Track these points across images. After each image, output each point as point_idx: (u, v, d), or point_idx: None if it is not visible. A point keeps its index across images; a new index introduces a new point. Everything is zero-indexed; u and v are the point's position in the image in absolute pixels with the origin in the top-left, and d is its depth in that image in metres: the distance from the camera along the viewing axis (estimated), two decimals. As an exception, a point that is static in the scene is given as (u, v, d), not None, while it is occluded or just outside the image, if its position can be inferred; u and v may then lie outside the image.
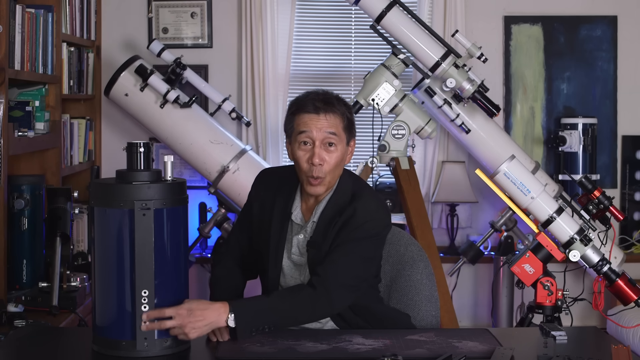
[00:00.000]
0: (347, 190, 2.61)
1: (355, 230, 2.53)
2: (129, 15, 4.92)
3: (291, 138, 2.59)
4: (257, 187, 2.72)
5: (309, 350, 2.30)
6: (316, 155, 2.52)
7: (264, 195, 2.68)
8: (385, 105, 4.13)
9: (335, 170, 2.56)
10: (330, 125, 2.54)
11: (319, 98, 2.56)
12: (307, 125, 2.53)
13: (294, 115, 2.57)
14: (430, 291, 2.85)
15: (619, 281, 3.34)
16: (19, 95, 3.75)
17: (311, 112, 2.53)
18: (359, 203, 2.56)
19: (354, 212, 2.55)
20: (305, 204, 2.64)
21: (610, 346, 2.28)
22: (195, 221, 4.63)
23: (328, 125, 2.53)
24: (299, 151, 2.55)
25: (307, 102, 2.55)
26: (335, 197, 2.60)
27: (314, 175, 2.53)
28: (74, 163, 4.35)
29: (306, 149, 2.54)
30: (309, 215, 2.63)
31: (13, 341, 2.45)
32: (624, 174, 5.07)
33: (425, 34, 4.08)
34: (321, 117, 2.53)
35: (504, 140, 4.50)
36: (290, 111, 2.59)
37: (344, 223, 2.54)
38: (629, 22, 5.06)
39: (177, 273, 2.29)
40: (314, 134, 2.53)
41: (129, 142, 2.30)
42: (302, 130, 2.54)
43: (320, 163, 2.52)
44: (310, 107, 2.54)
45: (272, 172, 2.78)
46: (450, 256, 4.88)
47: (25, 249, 3.49)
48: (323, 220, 2.57)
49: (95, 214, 2.26)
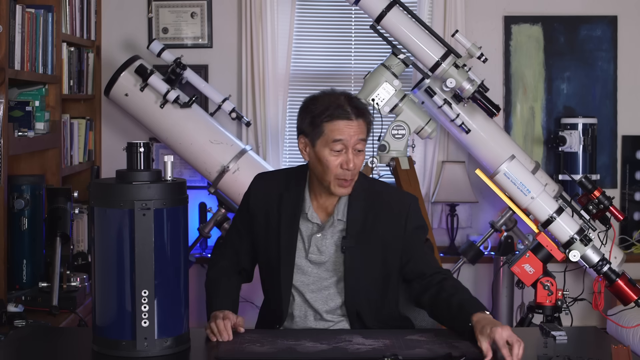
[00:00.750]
0: (362, 187, 2.65)
1: (413, 223, 2.66)
2: (129, 15, 4.92)
3: (316, 141, 2.57)
4: (256, 192, 2.72)
5: (309, 350, 2.30)
6: (351, 161, 2.55)
7: (266, 199, 2.68)
8: (385, 105, 4.13)
9: (359, 171, 2.63)
10: (361, 132, 2.57)
11: (349, 102, 2.57)
12: (343, 133, 2.54)
13: (325, 122, 2.54)
14: (431, 291, 2.85)
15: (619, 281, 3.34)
16: (19, 95, 3.75)
17: (345, 119, 2.54)
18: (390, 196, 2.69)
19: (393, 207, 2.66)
20: (317, 202, 2.65)
21: (610, 346, 2.27)
22: (195, 221, 4.63)
23: (359, 131, 2.57)
24: (331, 156, 2.55)
25: (339, 107, 2.55)
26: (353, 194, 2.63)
27: (347, 178, 2.56)
28: (74, 163, 4.35)
29: (339, 154, 2.56)
30: (322, 215, 2.64)
31: (13, 341, 2.45)
32: (624, 174, 5.07)
33: (425, 34, 4.08)
34: (353, 124, 2.55)
35: (504, 140, 4.50)
36: (323, 116, 2.54)
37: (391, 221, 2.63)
38: (629, 22, 5.06)
39: (177, 273, 2.29)
40: (348, 141, 2.55)
41: (129, 142, 2.30)
42: (339, 137, 2.54)
43: (354, 167, 2.57)
44: (346, 113, 2.54)
45: (269, 176, 2.78)
46: (450, 256, 4.87)
47: (25, 249, 3.49)
48: (353, 217, 2.61)
49: (95, 214, 2.26)
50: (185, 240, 2.33)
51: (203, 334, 2.46)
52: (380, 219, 2.63)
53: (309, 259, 2.63)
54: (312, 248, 2.62)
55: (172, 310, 2.28)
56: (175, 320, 2.29)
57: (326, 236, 2.62)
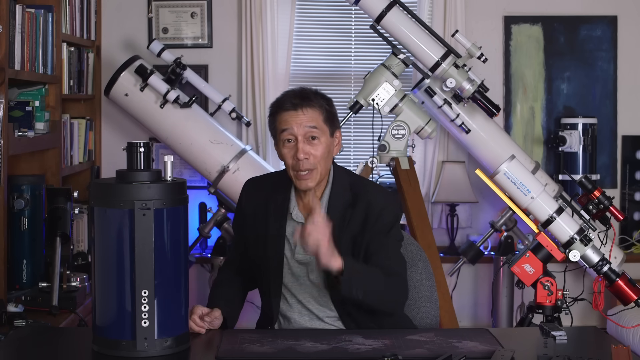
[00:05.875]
0: (345, 184, 2.65)
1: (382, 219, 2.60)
2: (129, 15, 4.92)
3: (276, 139, 2.62)
4: (246, 197, 2.74)
5: (309, 350, 2.30)
6: (300, 150, 2.56)
7: (256, 201, 2.69)
8: (385, 105, 4.13)
9: (322, 162, 2.59)
10: (310, 120, 2.58)
11: (295, 95, 2.61)
12: (288, 123, 2.57)
13: (274, 115, 2.62)
14: (430, 291, 2.86)
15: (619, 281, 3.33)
16: (19, 95, 3.75)
17: (289, 109, 2.58)
18: (371, 194, 2.63)
19: (371, 203, 2.60)
20: (302, 202, 2.65)
21: (610, 346, 2.28)
22: (195, 221, 4.63)
23: (307, 119, 2.57)
24: (284, 149, 2.59)
25: (284, 100, 2.60)
26: (335, 191, 2.63)
27: (302, 168, 2.56)
28: (74, 163, 4.35)
29: (290, 146, 2.58)
30: (307, 213, 2.63)
31: (13, 341, 2.45)
32: (624, 174, 5.07)
33: (425, 34, 4.08)
34: (299, 113, 2.57)
35: (504, 140, 4.50)
36: (271, 112, 2.63)
37: (366, 215, 2.59)
38: (629, 22, 5.06)
39: (177, 273, 2.29)
40: (295, 130, 2.57)
41: (129, 142, 2.30)
42: (284, 128, 2.58)
43: (306, 157, 2.56)
44: (288, 104, 2.58)
45: (259, 180, 2.80)
46: (450, 256, 4.88)
47: (25, 249, 3.49)
48: (332, 215, 2.59)
49: (95, 214, 2.26)
50: (185, 240, 2.33)
51: (203, 334, 2.47)
52: (356, 214, 2.61)
53: (296, 259, 2.63)
54: (298, 247, 2.62)
55: (172, 310, 2.28)
56: (175, 320, 2.29)
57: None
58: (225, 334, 2.48)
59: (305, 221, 2.60)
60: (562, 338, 2.41)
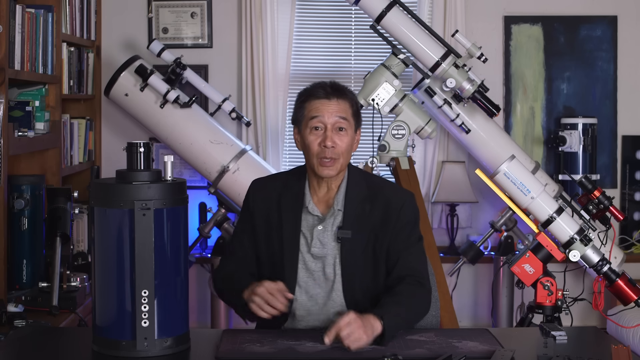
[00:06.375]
0: (360, 180, 2.67)
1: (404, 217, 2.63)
2: (129, 15, 4.92)
3: (301, 126, 2.63)
4: (256, 194, 2.72)
5: (309, 350, 2.30)
6: (329, 138, 2.57)
7: (267, 198, 2.68)
8: (385, 105, 4.13)
9: (345, 154, 2.62)
10: (341, 110, 2.60)
11: (328, 85, 2.63)
12: (319, 110, 2.59)
13: (304, 102, 2.63)
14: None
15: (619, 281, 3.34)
16: (19, 95, 3.75)
17: (322, 98, 2.60)
18: (388, 190, 2.67)
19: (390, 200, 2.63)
20: (317, 196, 2.65)
21: (610, 346, 2.28)
22: (195, 221, 4.63)
23: (339, 110, 2.60)
24: (310, 136, 2.60)
25: (317, 89, 2.62)
26: (351, 186, 2.65)
27: (327, 156, 2.57)
28: (74, 163, 4.35)
29: (318, 133, 2.59)
30: (322, 207, 2.64)
31: (13, 341, 2.45)
32: (624, 174, 5.07)
33: (425, 34, 4.08)
34: (332, 102, 2.59)
35: (504, 140, 4.50)
36: (300, 99, 2.64)
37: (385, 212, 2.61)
38: (629, 22, 5.06)
39: (177, 273, 2.29)
40: (325, 119, 2.58)
41: (129, 142, 2.30)
42: (314, 115, 2.59)
43: (333, 146, 2.57)
44: (321, 92, 2.60)
45: (266, 179, 2.80)
46: (450, 256, 4.88)
47: (25, 249, 3.49)
48: (349, 208, 2.61)
49: (95, 214, 2.26)
50: (185, 240, 2.33)
51: (203, 334, 2.47)
52: (375, 210, 2.63)
53: (311, 253, 2.63)
54: (314, 241, 2.62)
55: (172, 310, 2.28)
56: (175, 320, 2.29)
57: (327, 228, 2.62)
58: (225, 334, 2.47)
59: (321, 215, 2.63)
60: (562, 338, 2.41)
